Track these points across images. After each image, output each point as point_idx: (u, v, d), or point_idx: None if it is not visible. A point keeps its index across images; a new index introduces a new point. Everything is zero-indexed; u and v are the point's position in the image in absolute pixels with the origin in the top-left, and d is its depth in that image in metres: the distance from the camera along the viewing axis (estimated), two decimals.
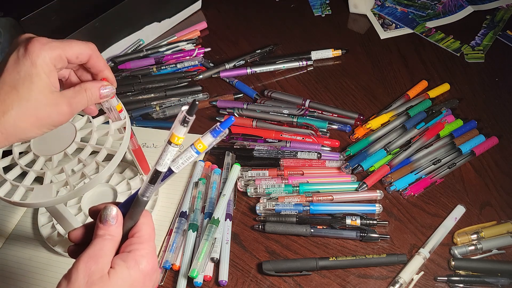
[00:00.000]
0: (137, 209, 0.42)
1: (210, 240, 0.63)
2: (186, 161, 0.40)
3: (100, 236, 0.41)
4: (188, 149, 0.40)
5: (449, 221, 0.66)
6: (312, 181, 0.71)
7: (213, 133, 0.39)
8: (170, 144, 0.38)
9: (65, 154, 0.58)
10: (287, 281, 0.63)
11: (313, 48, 0.92)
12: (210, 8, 1.05)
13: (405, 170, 0.71)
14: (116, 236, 0.41)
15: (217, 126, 0.39)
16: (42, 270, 0.66)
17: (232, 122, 0.39)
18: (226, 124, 0.39)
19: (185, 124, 0.38)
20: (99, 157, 0.57)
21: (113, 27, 0.92)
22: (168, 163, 0.39)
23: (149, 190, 0.41)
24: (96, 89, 0.51)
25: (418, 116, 0.77)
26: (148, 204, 0.70)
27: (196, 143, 0.39)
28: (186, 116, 0.37)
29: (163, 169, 0.39)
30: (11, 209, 0.72)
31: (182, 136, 0.38)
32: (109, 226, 0.41)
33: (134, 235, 0.42)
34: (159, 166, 0.39)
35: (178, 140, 0.38)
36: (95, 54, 0.51)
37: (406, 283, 0.61)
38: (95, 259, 0.39)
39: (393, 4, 1.02)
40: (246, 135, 0.78)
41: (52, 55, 0.47)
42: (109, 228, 0.41)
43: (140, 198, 0.41)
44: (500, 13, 0.97)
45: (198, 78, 0.90)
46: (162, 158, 0.39)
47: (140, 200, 0.41)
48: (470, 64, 0.88)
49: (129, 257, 0.41)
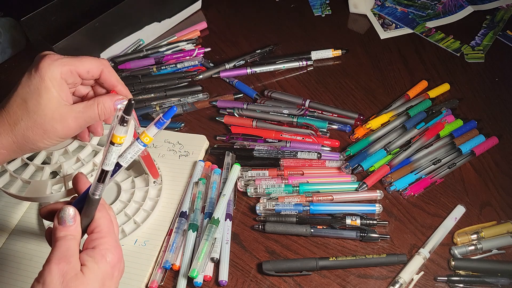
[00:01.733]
0: (91, 207, 0.43)
1: (210, 240, 0.63)
2: (134, 155, 0.42)
3: (63, 238, 0.42)
4: (134, 143, 0.41)
5: (449, 221, 0.66)
6: (312, 181, 0.71)
7: (157, 125, 0.41)
8: (113, 145, 0.40)
9: (65, 151, 0.58)
10: (287, 281, 0.63)
11: (313, 48, 0.92)
12: (210, 8, 1.05)
13: (405, 170, 0.71)
14: (77, 235, 0.43)
15: (160, 117, 0.40)
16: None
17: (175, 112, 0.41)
18: (169, 115, 0.41)
19: (124, 124, 0.39)
20: (97, 158, 0.57)
21: (113, 27, 0.92)
22: (114, 162, 0.41)
23: (99, 188, 0.42)
24: (110, 102, 0.51)
25: (418, 116, 0.77)
26: (150, 204, 0.70)
27: (142, 137, 0.41)
28: (124, 116, 0.38)
29: (110, 168, 0.41)
30: (15, 204, 0.72)
31: (123, 135, 0.40)
32: (69, 226, 0.42)
33: (94, 231, 0.44)
34: (105, 166, 0.41)
35: (120, 140, 0.40)
36: (106, 69, 0.52)
37: (406, 283, 0.61)
38: (66, 259, 0.40)
39: (393, 4, 1.02)
40: (246, 135, 0.78)
41: (62, 70, 0.49)
42: (69, 228, 0.42)
43: (92, 197, 0.42)
44: (500, 13, 0.97)
45: (198, 78, 0.90)
46: (107, 158, 0.40)
47: (92, 198, 0.42)
48: (470, 64, 0.88)
49: (95, 252, 0.42)
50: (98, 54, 0.92)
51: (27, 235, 0.70)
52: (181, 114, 0.84)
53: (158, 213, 0.70)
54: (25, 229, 0.70)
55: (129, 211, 0.69)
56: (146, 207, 0.70)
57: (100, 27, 0.89)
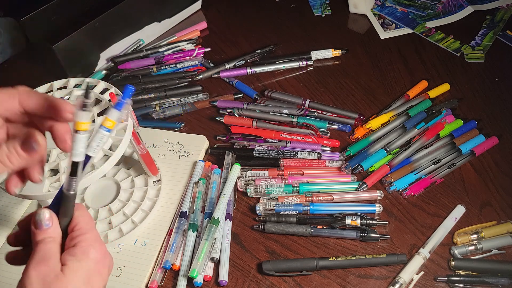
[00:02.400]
0: (68, 204, 0.42)
1: (210, 240, 0.63)
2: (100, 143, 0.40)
3: (41, 241, 0.41)
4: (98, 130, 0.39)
5: (449, 221, 0.66)
6: (312, 181, 0.71)
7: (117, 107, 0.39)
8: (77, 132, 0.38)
9: None
10: (287, 281, 0.63)
11: (313, 48, 0.92)
12: (210, 8, 1.05)
13: (405, 170, 0.71)
14: (56, 236, 0.41)
15: (119, 99, 0.39)
16: None
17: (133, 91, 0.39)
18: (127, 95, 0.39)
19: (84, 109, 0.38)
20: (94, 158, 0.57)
21: (113, 27, 0.92)
22: (83, 152, 0.39)
23: (72, 183, 0.40)
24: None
25: (418, 116, 0.77)
26: (148, 204, 0.70)
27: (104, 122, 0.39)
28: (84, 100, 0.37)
29: (80, 159, 0.39)
30: (15, 204, 0.73)
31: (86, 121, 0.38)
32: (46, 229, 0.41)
33: (74, 229, 0.42)
34: (74, 157, 0.39)
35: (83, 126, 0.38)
36: (23, 96, 0.43)
37: (406, 283, 0.61)
38: (44, 262, 0.39)
39: (393, 4, 1.02)
40: (246, 135, 0.78)
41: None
42: (47, 231, 0.41)
43: (67, 193, 0.41)
44: (500, 13, 0.97)
45: (198, 78, 0.90)
46: (74, 148, 0.39)
47: (67, 195, 0.41)
48: (470, 64, 0.88)
49: (76, 250, 0.41)
50: (98, 54, 0.92)
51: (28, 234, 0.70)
52: (181, 114, 0.84)
53: (157, 213, 0.70)
54: None
55: (128, 211, 0.69)
56: (145, 207, 0.70)
57: (100, 27, 0.89)
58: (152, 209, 0.69)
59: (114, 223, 0.68)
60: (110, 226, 0.68)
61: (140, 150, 0.66)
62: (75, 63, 0.89)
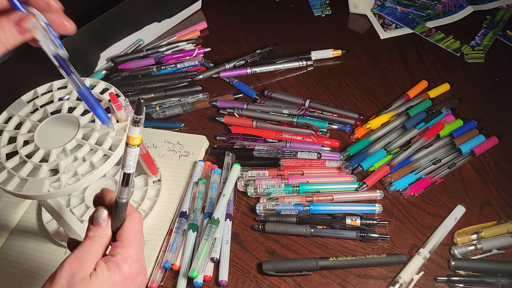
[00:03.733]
0: (119, 211, 0.44)
1: (210, 240, 0.63)
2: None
3: (90, 238, 0.42)
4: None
5: (449, 221, 0.66)
6: (312, 181, 0.71)
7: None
8: (129, 146, 0.40)
9: (63, 149, 0.58)
10: (287, 281, 0.63)
11: (313, 48, 0.92)
12: (210, 8, 1.05)
13: (405, 170, 0.71)
14: (104, 237, 0.43)
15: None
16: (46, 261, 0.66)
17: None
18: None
19: (137, 124, 0.39)
20: (94, 157, 0.56)
21: (113, 27, 0.92)
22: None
23: (123, 192, 0.43)
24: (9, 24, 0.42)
25: (418, 116, 0.77)
26: (148, 204, 0.70)
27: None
28: (135, 116, 0.39)
29: (131, 171, 0.42)
30: (15, 204, 0.73)
31: (137, 136, 0.40)
32: (100, 227, 0.42)
33: (119, 239, 0.43)
34: (126, 169, 0.41)
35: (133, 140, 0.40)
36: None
37: (406, 283, 0.61)
38: (80, 260, 0.40)
39: (393, 4, 1.02)
40: (246, 135, 0.78)
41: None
42: (99, 229, 0.42)
43: (119, 201, 0.43)
44: (500, 13, 0.97)
45: (198, 78, 0.90)
46: (126, 161, 0.41)
47: (118, 202, 0.43)
48: (470, 64, 0.88)
49: (111, 260, 0.41)
50: (98, 54, 0.92)
51: (27, 235, 0.70)
52: (181, 114, 0.84)
53: (157, 213, 0.70)
54: (25, 229, 0.71)
55: None
56: (145, 207, 0.70)
57: (100, 27, 0.89)
58: (152, 209, 0.70)
59: None
60: None
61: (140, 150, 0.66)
62: (75, 63, 0.89)
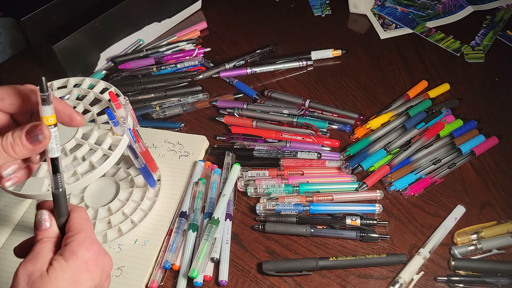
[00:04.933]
0: (60, 203, 0.43)
1: (210, 240, 0.63)
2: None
3: (39, 241, 0.42)
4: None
5: (449, 221, 0.66)
6: (312, 181, 0.71)
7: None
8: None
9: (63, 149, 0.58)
10: (287, 281, 0.63)
11: (313, 48, 0.92)
12: (210, 8, 1.05)
13: (405, 170, 0.71)
14: (52, 236, 0.43)
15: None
16: None
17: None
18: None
19: (46, 103, 0.38)
20: (93, 157, 0.56)
21: (113, 27, 0.92)
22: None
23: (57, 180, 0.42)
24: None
25: (418, 116, 0.77)
26: (148, 203, 0.70)
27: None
28: (41, 95, 0.38)
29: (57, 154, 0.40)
30: (16, 203, 0.73)
31: (50, 115, 0.39)
32: (44, 229, 0.43)
33: (68, 230, 0.43)
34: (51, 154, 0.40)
35: (48, 120, 0.39)
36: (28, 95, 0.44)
37: (406, 283, 0.61)
38: (33, 261, 0.41)
39: (393, 4, 1.02)
40: (246, 135, 0.78)
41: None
42: (45, 231, 0.43)
43: (56, 192, 0.42)
44: (500, 13, 0.97)
45: (198, 78, 0.90)
46: (49, 145, 0.40)
47: (56, 194, 0.42)
48: (470, 64, 0.88)
49: (65, 250, 0.42)
50: (98, 54, 0.92)
51: (28, 234, 0.70)
52: (181, 114, 0.84)
53: (157, 213, 0.70)
54: (26, 229, 0.70)
55: (127, 210, 0.69)
56: (144, 207, 0.70)
57: (100, 27, 0.89)
58: (151, 209, 0.69)
59: (114, 223, 0.68)
60: (109, 226, 0.68)
61: (139, 148, 0.66)
62: (75, 63, 0.89)
